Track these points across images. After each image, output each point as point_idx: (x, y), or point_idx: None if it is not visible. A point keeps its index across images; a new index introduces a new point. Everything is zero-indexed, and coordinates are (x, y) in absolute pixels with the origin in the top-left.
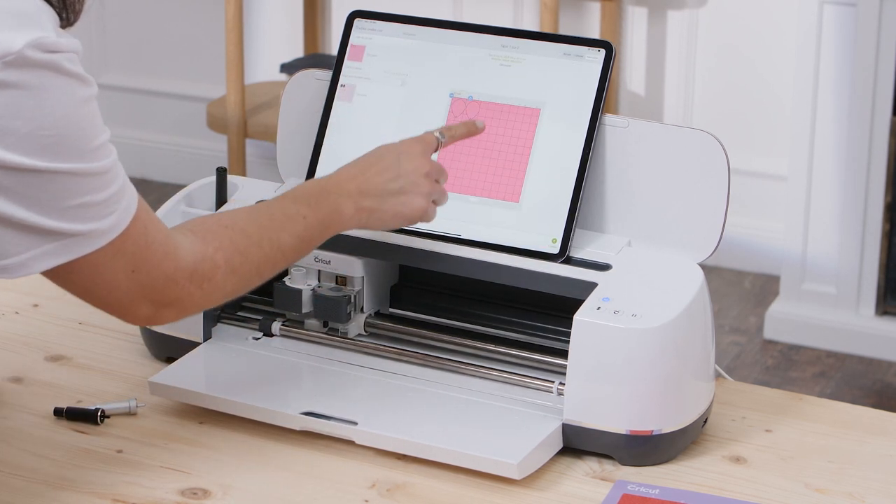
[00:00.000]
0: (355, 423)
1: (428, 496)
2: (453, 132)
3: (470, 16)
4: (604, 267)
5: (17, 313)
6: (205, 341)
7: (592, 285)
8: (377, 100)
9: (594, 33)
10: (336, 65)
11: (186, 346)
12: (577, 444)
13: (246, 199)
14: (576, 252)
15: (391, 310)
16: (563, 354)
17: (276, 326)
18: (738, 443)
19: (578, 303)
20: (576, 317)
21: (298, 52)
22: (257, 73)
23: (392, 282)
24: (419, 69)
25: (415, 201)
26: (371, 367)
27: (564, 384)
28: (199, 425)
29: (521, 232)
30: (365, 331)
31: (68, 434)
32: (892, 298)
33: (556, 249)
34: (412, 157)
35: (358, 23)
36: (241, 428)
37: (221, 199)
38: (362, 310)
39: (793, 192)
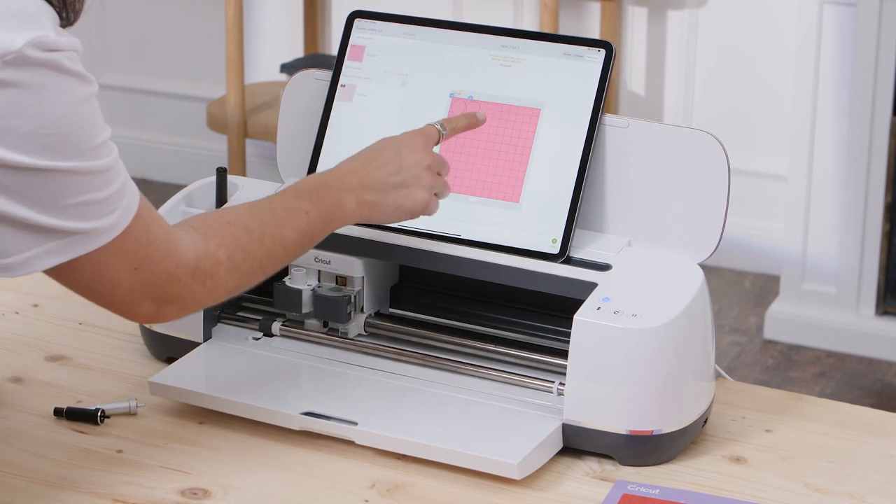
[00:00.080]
0: (355, 423)
1: (428, 496)
2: (454, 124)
3: (470, 16)
4: (604, 267)
5: (17, 313)
6: (205, 341)
7: (592, 285)
8: (377, 100)
9: (594, 33)
10: (336, 65)
11: (186, 346)
12: (577, 444)
13: (246, 199)
14: (576, 252)
15: (391, 310)
16: (563, 354)
17: (276, 326)
18: (738, 443)
19: (578, 303)
20: (576, 317)
21: (298, 52)
22: (257, 73)
23: (392, 282)
24: (419, 69)
25: (417, 194)
26: (371, 367)
27: (564, 384)
28: (199, 425)
29: (521, 232)
30: (365, 331)
31: (68, 434)
32: (892, 298)
33: (556, 249)
34: (413, 150)
35: (358, 23)
36: (241, 428)
37: (221, 199)
38: (362, 310)
39: (793, 192)
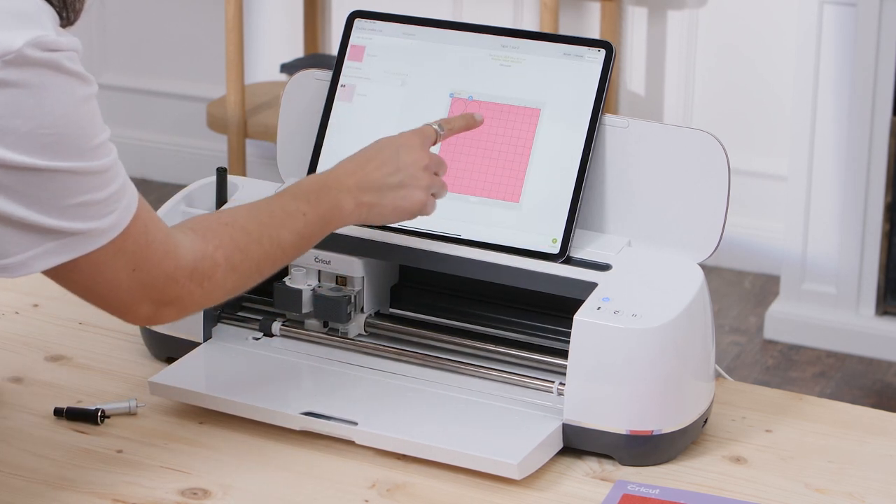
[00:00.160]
0: (355, 423)
1: (428, 496)
2: (452, 125)
3: (470, 16)
4: (604, 267)
5: (17, 313)
6: (205, 341)
7: (592, 285)
8: (377, 100)
9: (594, 33)
10: (336, 65)
11: (186, 346)
12: (577, 444)
13: (246, 200)
14: (576, 252)
15: (391, 310)
16: (563, 354)
17: (276, 326)
18: (738, 443)
19: (578, 303)
20: (576, 317)
21: (298, 52)
22: (257, 73)
23: (392, 282)
24: (419, 69)
25: (414, 195)
26: (371, 367)
27: (564, 384)
28: (199, 425)
29: (521, 232)
30: (365, 331)
31: (68, 434)
32: (892, 298)
33: (556, 249)
34: (411, 150)
35: (358, 23)
36: (241, 428)
37: (221, 200)
38: (362, 310)
39: (793, 192)
